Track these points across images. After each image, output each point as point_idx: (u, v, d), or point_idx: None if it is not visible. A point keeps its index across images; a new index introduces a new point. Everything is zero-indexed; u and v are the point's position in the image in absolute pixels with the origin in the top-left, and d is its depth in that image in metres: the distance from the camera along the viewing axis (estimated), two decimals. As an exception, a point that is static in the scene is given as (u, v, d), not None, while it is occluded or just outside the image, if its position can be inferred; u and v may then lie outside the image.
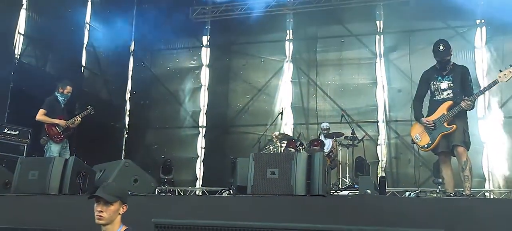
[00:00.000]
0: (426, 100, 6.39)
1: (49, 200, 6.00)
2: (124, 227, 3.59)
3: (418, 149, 6.37)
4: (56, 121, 7.98)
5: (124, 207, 3.60)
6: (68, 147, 8.20)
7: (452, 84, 6.01)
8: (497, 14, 11.64)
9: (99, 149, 11.57)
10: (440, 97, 6.09)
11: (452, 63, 6.15)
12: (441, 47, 6.00)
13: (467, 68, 6.26)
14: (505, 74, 5.76)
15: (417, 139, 6.24)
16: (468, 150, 5.90)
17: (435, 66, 6.20)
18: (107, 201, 3.51)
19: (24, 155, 8.94)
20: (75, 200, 6.00)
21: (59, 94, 8.17)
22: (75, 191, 6.22)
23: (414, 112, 6.35)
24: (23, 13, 11.11)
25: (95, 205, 3.55)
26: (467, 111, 5.98)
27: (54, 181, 6.14)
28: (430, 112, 6.17)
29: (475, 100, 5.85)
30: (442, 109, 5.98)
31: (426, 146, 6.13)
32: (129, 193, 3.85)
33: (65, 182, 6.18)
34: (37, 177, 6.25)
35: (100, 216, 3.50)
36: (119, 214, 3.58)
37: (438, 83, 6.10)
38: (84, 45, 13.26)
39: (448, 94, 6.03)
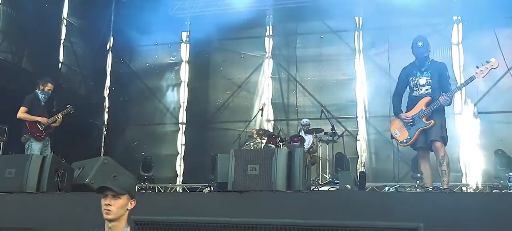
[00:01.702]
0: (405, 96, 6.46)
1: (27, 198, 5.91)
2: (130, 228, 3.42)
3: (397, 144, 6.44)
4: (38, 119, 7.88)
5: (132, 202, 3.44)
6: (49, 145, 8.10)
7: (430, 80, 6.07)
8: (473, 10, 11.84)
9: (78, 146, 11.44)
10: (419, 93, 6.15)
11: (430, 59, 6.21)
12: (420, 44, 6.09)
13: (445, 65, 6.34)
14: (481, 71, 5.85)
15: (396, 134, 6.31)
16: (445, 145, 5.99)
17: (414, 62, 6.27)
18: (116, 194, 3.36)
19: (1, 152, 8.82)
20: (53, 198, 5.93)
21: (39, 91, 8.06)
22: (53, 189, 6.14)
23: (394, 108, 6.42)
24: (-2, 8, 10.92)
25: (102, 199, 3.38)
26: (445, 107, 6.07)
27: (32, 179, 6.05)
28: (409, 108, 6.23)
29: (452, 96, 5.93)
30: (421, 105, 6.05)
31: (404, 141, 6.20)
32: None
33: (42, 180, 6.10)
34: (14, 175, 6.14)
35: (108, 210, 3.32)
36: (127, 209, 3.41)
37: (417, 79, 6.16)
38: (62, 41, 13.05)
39: (426, 90, 6.09)
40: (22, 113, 7.83)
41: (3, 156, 7.70)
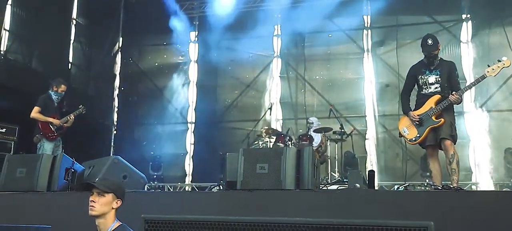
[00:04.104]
0: (413, 95, 6.44)
1: (38, 197, 5.96)
2: (118, 223, 3.58)
3: (405, 142, 6.42)
4: (51, 119, 7.95)
5: (118, 202, 3.60)
6: (61, 145, 8.16)
7: (439, 79, 6.05)
8: (482, 8, 11.79)
9: (88, 146, 11.50)
10: (428, 91, 6.12)
11: (439, 58, 6.18)
12: (430, 42, 6.06)
13: (454, 64, 6.31)
14: (493, 69, 5.82)
15: (404, 132, 6.28)
16: (454, 144, 5.95)
17: (422, 60, 6.24)
18: (100, 191, 3.53)
19: (12, 152, 8.88)
20: (64, 197, 5.97)
21: (53, 92, 8.13)
22: (63, 188, 6.19)
23: (402, 106, 6.39)
24: (8, 9, 10.98)
25: (90, 196, 3.56)
26: (454, 105, 6.05)
27: (43, 178, 6.11)
28: (417, 106, 6.20)
29: (463, 95, 5.89)
30: (430, 103, 6.01)
31: (413, 139, 6.17)
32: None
33: (53, 179, 6.15)
34: (25, 174, 6.21)
35: (92, 206, 3.51)
36: (113, 208, 3.58)
37: (426, 77, 6.14)
38: (71, 41, 13.13)
39: (436, 88, 6.06)
40: (35, 113, 7.90)
41: (15, 156, 7.72)
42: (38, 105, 7.93)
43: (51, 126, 7.95)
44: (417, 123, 6.07)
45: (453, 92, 5.88)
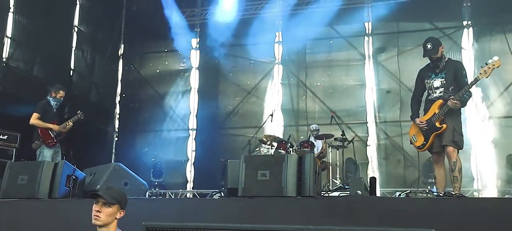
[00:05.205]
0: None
1: (39, 204, 5.96)
2: None
3: (417, 151, 6.36)
4: (50, 125, 7.92)
5: (122, 212, 3.60)
6: (60, 151, 8.15)
7: (444, 82, 5.95)
8: (483, 15, 11.81)
9: (89, 153, 11.51)
10: (433, 95, 6.05)
11: (446, 59, 6.09)
12: (429, 46, 5.98)
13: (461, 63, 6.24)
14: (485, 71, 5.76)
15: (413, 139, 6.23)
16: (460, 149, 5.86)
17: (429, 64, 6.15)
18: (106, 202, 3.51)
19: (13, 159, 8.88)
20: (65, 204, 5.97)
21: (51, 98, 8.10)
22: (65, 195, 6.18)
23: (411, 112, 6.32)
24: (10, 17, 11.01)
25: (94, 204, 3.54)
26: (461, 109, 5.95)
27: (44, 185, 6.09)
28: (425, 111, 6.13)
29: (462, 98, 5.78)
30: (434, 108, 5.93)
31: (421, 146, 6.09)
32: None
33: (55, 186, 6.14)
34: (26, 182, 6.19)
35: (97, 216, 3.49)
36: (116, 218, 3.57)
37: (431, 82, 6.06)
38: (73, 48, 13.17)
39: (440, 92, 5.97)
40: (34, 119, 7.87)
41: (16, 163, 7.71)
42: (37, 112, 7.90)
43: (50, 132, 7.93)
44: (425, 129, 6.02)
45: (451, 97, 5.77)
